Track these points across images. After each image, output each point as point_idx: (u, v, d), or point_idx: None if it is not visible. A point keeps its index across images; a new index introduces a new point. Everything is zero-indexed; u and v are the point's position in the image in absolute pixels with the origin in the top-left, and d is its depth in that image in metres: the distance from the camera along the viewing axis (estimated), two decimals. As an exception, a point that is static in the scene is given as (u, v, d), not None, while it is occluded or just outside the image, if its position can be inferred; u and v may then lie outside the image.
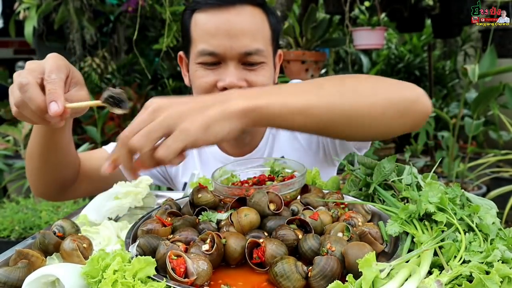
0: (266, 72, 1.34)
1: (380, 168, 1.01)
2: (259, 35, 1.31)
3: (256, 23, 1.31)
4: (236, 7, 1.29)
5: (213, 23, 1.28)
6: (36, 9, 3.57)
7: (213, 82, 1.30)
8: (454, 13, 4.21)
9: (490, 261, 0.70)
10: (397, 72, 6.15)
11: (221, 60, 1.29)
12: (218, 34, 1.27)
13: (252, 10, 1.31)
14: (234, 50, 1.27)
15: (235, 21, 1.28)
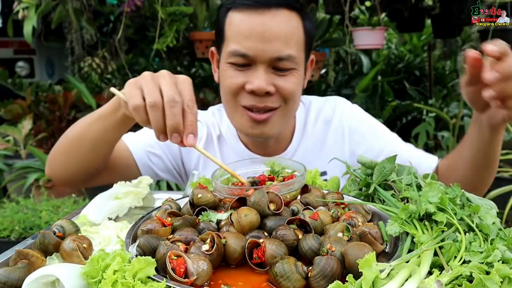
0: (296, 78, 1.32)
1: (380, 168, 1.01)
2: (292, 41, 1.29)
3: (290, 27, 1.29)
4: (271, 10, 1.27)
5: (248, 24, 1.27)
6: (35, 9, 3.56)
7: (242, 83, 1.30)
8: (454, 13, 4.21)
9: (490, 261, 0.70)
10: (397, 72, 6.15)
11: (252, 62, 1.28)
12: (251, 36, 1.26)
13: (288, 14, 1.29)
14: (265, 54, 1.26)
15: (269, 25, 1.26)
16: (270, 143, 1.48)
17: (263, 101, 1.30)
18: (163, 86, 0.95)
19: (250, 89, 1.28)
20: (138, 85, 0.98)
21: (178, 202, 1.00)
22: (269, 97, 1.30)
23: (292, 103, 1.35)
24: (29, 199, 3.41)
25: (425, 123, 4.41)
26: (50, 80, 7.36)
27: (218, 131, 1.53)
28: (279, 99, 1.32)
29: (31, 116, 4.83)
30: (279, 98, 1.32)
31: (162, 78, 0.97)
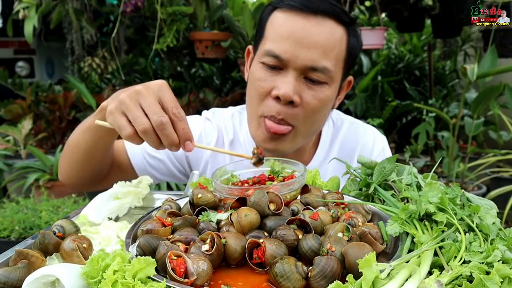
0: (325, 95, 1.24)
1: (380, 168, 1.01)
2: (332, 54, 1.22)
3: (333, 39, 1.22)
4: (317, 17, 1.21)
5: (289, 26, 1.21)
6: (35, 9, 3.56)
7: (269, 89, 1.23)
8: (454, 13, 4.21)
9: (491, 261, 0.70)
10: (397, 72, 6.15)
11: (284, 66, 1.22)
12: (289, 39, 1.20)
13: (334, 25, 1.22)
14: (299, 61, 1.20)
15: (311, 31, 1.19)
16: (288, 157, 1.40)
17: (283, 112, 1.23)
18: (146, 108, 0.94)
19: (276, 95, 1.21)
20: (121, 111, 0.96)
21: (178, 202, 1.00)
22: (291, 109, 1.22)
23: (312, 121, 1.27)
24: (29, 199, 3.41)
25: (425, 123, 4.42)
26: (50, 80, 7.36)
27: (231, 135, 1.47)
28: (301, 114, 1.24)
29: (31, 116, 4.83)
30: (302, 112, 1.24)
31: (142, 98, 0.95)
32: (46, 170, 4.12)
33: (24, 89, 5.52)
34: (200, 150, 1.46)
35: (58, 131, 5.08)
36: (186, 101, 5.00)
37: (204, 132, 1.47)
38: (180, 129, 0.95)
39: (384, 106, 5.26)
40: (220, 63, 5.81)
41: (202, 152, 1.47)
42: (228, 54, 5.01)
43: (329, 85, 1.25)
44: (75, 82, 4.70)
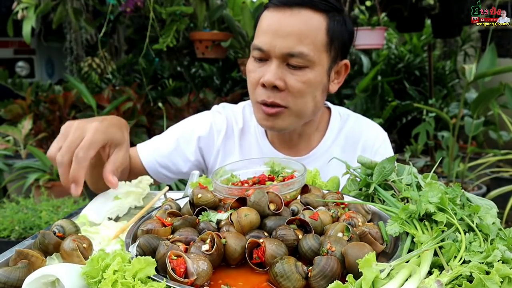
0: (307, 78, 1.34)
1: (380, 168, 1.01)
2: (308, 39, 1.32)
3: (307, 27, 1.32)
4: (293, 9, 1.33)
5: (268, 21, 1.36)
6: (34, 9, 3.56)
7: (258, 78, 1.37)
8: (454, 13, 4.21)
9: (490, 261, 0.70)
10: (397, 72, 6.15)
11: (268, 57, 1.35)
12: (267, 32, 1.34)
13: (310, 14, 1.33)
14: (277, 49, 1.32)
15: (285, 22, 1.32)
16: (293, 140, 1.53)
17: (272, 96, 1.35)
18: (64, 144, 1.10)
19: (262, 82, 1.35)
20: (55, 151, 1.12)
21: (178, 202, 1.00)
22: (278, 93, 1.35)
23: (302, 102, 1.37)
24: (29, 199, 3.41)
25: (425, 123, 4.42)
26: (50, 80, 7.36)
27: (241, 124, 1.59)
28: (288, 97, 1.35)
29: (31, 116, 4.83)
30: (289, 95, 1.35)
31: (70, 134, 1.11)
32: (46, 170, 4.12)
33: (24, 89, 5.52)
34: (211, 139, 1.58)
35: (58, 131, 5.05)
36: (186, 101, 4.99)
37: (214, 122, 1.59)
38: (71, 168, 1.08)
39: (384, 106, 5.26)
40: (220, 63, 5.81)
41: (213, 141, 1.58)
42: (228, 54, 5.01)
43: (310, 68, 1.35)
44: (75, 82, 4.70)
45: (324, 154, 1.53)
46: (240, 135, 1.57)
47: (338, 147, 1.55)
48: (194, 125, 1.60)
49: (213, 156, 1.58)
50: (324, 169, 1.43)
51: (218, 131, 1.58)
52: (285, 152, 1.53)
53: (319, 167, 1.42)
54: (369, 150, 1.56)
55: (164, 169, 1.55)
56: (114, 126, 1.20)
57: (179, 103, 4.97)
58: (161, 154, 1.55)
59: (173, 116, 4.68)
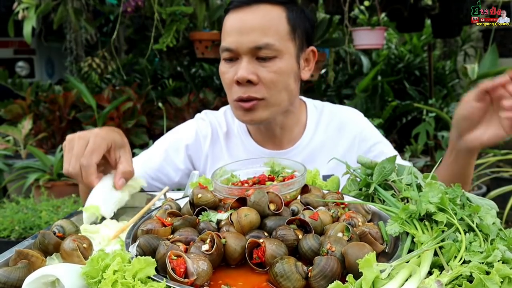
0: (278, 67, 1.40)
1: (380, 168, 1.01)
2: (271, 31, 1.38)
3: (268, 19, 1.39)
4: (251, 7, 1.40)
5: (229, 22, 1.42)
6: (35, 9, 3.56)
7: (232, 78, 1.41)
8: (454, 13, 4.21)
9: (491, 261, 0.70)
10: (397, 72, 6.15)
11: (237, 55, 1.40)
12: (232, 32, 1.40)
13: (268, 8, 1.41)
14: (244, 45, 1.37)
15: (246, 19, 1.39)
16: (276, 134, 1.55)
17: (247, 91, 1.39)
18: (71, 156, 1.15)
19: (235, 79, 1.39)
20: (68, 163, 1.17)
21: (178, 202, 1.00)
22: (253, 87, 1.39)
23: (277, 92, 1.42)
24: (29, 199, 3.41)
25: (425, 123, 4.41)
26: (50, 80, 7.36)
27: (225, 128, 1.62)
28: (263, 89, 1.40)
29: (31, 116, 4.83)
30: (263, 88, 1.39)
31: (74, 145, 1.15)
32: (46, 170, 4.12)
33: (24, 89, 5.52)
34: (198, 146, 1.60)
35: (58, 131, 5.08)
36: (186, 101, 4.99)
37: (199, 129, 1.62)
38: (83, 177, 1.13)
39: (384, 106, 5.26)
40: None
41: (201, 147, 1.60)
42: (228, 54, 5.00)
43: (279, 58, 1.40)
44: (75, 82, 4.70)
45: (308, 144, 1.57)
46: (225, 139, 1.61)
47: (320, 136, 1.59)
48: (180, 134, 1.63)
49: (202, 162, 1.61)
50: (309, 160, 1.50)
51: (204, 136, 1.61)
52: (270, 147, 1.56)
53: (304, 158, 1.51)
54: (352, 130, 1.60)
55: (156, 181, 1.57)
56: (113, 131, 1.25)
57: (179, 103, 4.97)
58: (151, 167, 1.56)
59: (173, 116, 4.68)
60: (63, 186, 3.99)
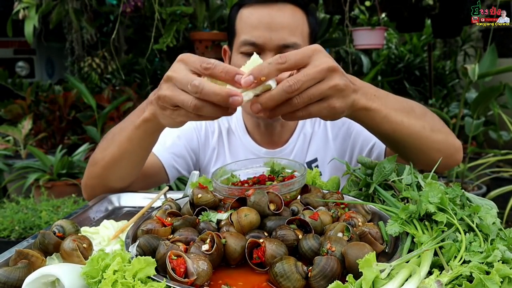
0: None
1: (380, 168, 1.01)
2: (298, 31, 1.40)
3: (296, 20, 1.41)
4: (278, 4, 1.40)
5: (256, 16, 1.40)
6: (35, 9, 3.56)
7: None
8: (454, 13, 4.21)
9: (490, 261, 0.70)
10: (397, 72, 6.15)
11: (261, 51, 1.38)
12: (259, 26, 1.38)
13: (293, 8, 1.42)
14: (272, 42, 1.37)
15: (276, 16, 1.39)
16: (275, 133, 1.56)
17: None
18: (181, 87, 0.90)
19: None
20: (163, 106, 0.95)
21: (178, 202, 1.00)
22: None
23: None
24: (29, 199, 3.41)
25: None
26: (50, 80, 7.36)
27: (226, 124, 1.63)
28: None
29: (31, 116, 4.83)
30: None
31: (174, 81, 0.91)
32: (46, 170, 4.12)
33: (24, 89, 5.52)
34: (206, 138, 1.61)
35: (58, 131, 5.08)
36: (186, 101, 4.98)
37: (208, 124, 1.64)
38: (220, 74, 0.85)
39: (384, 106, 5.25)
40: (220, 63, 5.81)
41: (209, 140, 1.62)
42: (228, 54, 5.00)
43: None
44: (75, 82, 4.70)
45: (299, 138, 1.59)
46: (227, 135, 1.63)
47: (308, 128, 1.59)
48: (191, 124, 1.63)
49: (208, 155, 1.62)
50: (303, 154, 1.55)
51: (212, 131, 1.63)
52: (266, 146, 1.58)
53: (296, 153, 1.54)
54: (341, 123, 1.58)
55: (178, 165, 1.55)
56: None
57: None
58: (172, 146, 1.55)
59: (173, 116, 4.67)
60: (63, 186, 3.99)
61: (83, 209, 1.16)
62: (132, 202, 1.27)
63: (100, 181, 1.30)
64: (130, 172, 1.30)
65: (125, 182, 1.31)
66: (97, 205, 1.20)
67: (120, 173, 1.28)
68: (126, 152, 1.21)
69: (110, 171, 1.27)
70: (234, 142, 1.61)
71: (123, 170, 1.27)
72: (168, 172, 1.55)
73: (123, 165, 1.25)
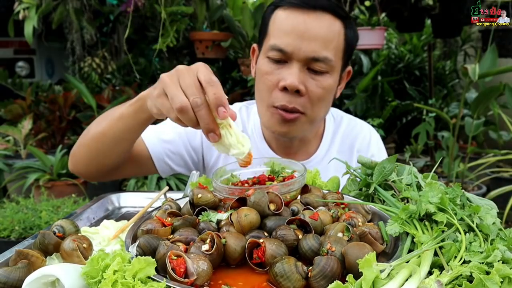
0: (328, 84, 1.33)
1: (380, 168, 1.01)
2: (332, 45, 1.31)
3: (331, 32, 1.31)
4: (316, 12, 1.31)
5: (290, 21, 1.31)
6: (35, 9, 3.56)
7: (276, 81, 1.32)
8: (454, 13, 4.20)
9: (490, 261, 0.70)
10: (397, 72, 6.15)
11: (288, 59, 1.30)
12: (292, 33, 1.29)
13: (332, 19, 1.32)
14: (302, 52, 1.28)
15: (311, 25, 1.29)
16: (293, 145, 1.50)
17: (293, 101, 1.31)
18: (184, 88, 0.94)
19: (283, 86, 1.29)
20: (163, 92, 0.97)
21: (178, 202, 1.00)
22: (299, 98, 1.31)
23: (319, 108, 1.36)
24: (29, 199, 3.41)
25: (425, 123, 4.41)
26: (50, 80, 7.36)
27: (240, 126, 1.55)
28: (308, 102, 1.33)
29: (31, 116, 4.83)
30: (308, 101, 1.32)
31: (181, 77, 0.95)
32: (46, 170, 4.12)
33: (24, 89, 5.52)
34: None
35: (58, 131, 5.08)
36: (186, 101, 4.98)
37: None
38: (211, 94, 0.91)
39: (384, 106, 5.25)
40: (220, 63, 5.81)
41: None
42: (228, 54, 5.01)
43: (330, 74, 1.33)
44: (75, 82, 4.70)
45: (323, 158, 1.53)
46: None
47: (334, 151, 1.55)
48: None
49: (215, 156, 1.54)
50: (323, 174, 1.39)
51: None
52: (283, 156, 1.51)
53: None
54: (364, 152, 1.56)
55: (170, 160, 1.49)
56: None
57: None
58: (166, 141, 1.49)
59: (173, 116, 4.66)
60: (63, 186, 3.99)
61: (83, 209, 1.16)
62: (132, 202, 1.27)
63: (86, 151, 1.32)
64: (113, 150, 1.29)
65: (109, 160, 1.31)
66: (97, 205, 1.20)
67: (103, 148, 1.29)
68: (114, 128, 1.24)
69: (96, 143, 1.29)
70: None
71: (106, 146, 1.28)
72: (156, 164, 1.48)
73: (107, 141, 1.27)
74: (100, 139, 1.28)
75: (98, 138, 1.28)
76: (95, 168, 1.36)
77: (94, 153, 1.31)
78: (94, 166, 1.35)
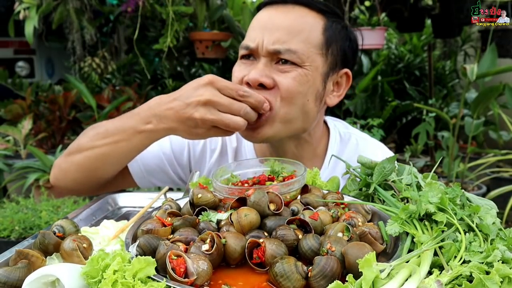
0: (298, 75, 1.22)
1: (380, 168, 1.01)
2: (299, 37, 1.21)
3: (300, 22, 1.23)
4: (287, 6, 1.26)
5: (258, 17, 1.29)
6: (36, 9, 3.56)
7: (242, 77, 1.24)
8: (454, 13, 4.20)
9: (490, 261, 0.70)
10: (397, 72, 6.15)
11: (256, 56, 1.24)
12: (256, 28, 1.26)
13: (305, 11, 1.26)
14: (265, 44, 1.21)
15: (275, 17, 1.24)
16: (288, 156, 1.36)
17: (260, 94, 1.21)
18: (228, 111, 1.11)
19: (245, 81, 1.22)
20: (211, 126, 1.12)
21: (178, 202, 1.00)
22: (267, 92, 1.20)
23: (290, 105, 1.22)
24: (29, 199, 3.41)
25: (425, 123, 4.41)
26: (50, 80, 7.36)
27: (235, 143, 1.44)
28: (277, 95, 1.21)
29: (31, 116, 4.83)
30: (277, 93, 1.21)
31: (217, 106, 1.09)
32: (46, 170, 4.11)
33: (24, 89, 5.52)
34: (203, 156, 1.45)
35: (58, 131, 5.08)
36: (186, 101, 4.98)
37: (209, 140, 1.46)
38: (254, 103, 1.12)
39: (384, 106, 5.26)
40: (220, 63, 5.81)
41: (206, 160, 1.46)
42: (228, 54, 5.01)
43: (301, 67, 1.22)
44: (75, 82, 4.70)
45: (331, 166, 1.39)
46: (234, 156, 1.43)
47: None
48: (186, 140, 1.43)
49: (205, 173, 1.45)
50: None
51: (213, 150, 1.44)
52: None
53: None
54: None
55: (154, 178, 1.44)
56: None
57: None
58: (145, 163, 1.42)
59: (173, 116, 4.67)
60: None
61: (83, 209, 1.16)
62: (132, 202, 1.27)
63: (78, 169, 1.27)
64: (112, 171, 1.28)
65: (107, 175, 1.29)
66: (97, 205, 1.20)
67: (105, 166, 1.26)
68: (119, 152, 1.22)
69: (95, 164, 1.25)
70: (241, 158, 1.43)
71: (108, 167, 1.26)
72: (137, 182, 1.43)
73: (109, 162, 1.25)
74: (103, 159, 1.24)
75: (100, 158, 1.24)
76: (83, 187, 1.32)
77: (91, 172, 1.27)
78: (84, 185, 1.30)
